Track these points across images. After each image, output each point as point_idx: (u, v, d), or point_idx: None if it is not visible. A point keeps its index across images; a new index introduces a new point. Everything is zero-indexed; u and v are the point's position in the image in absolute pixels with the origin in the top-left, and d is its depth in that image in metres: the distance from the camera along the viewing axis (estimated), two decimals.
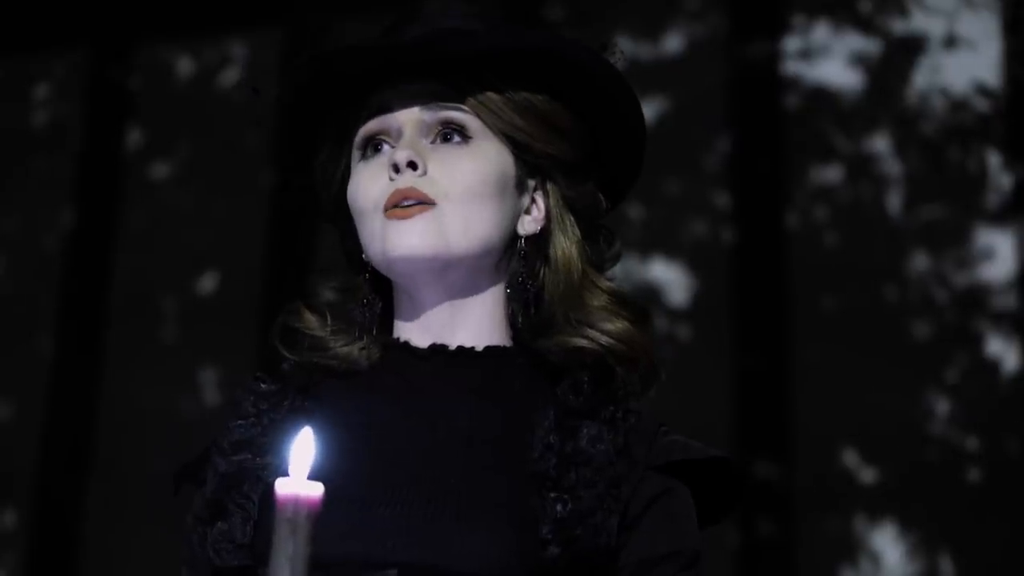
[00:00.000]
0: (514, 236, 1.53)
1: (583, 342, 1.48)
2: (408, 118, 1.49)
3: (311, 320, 1.55)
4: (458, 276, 1.49)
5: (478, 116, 1.50)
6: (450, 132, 1.49)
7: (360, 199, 1.50)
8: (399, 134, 1.50)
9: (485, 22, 1.53)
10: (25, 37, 5.90)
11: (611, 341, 1.48)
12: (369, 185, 1.49)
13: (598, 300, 1.51)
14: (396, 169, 1.47)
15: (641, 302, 1.55)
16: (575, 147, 1.53)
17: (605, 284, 1.53)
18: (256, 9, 5.63)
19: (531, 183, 1.54)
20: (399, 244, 1.46)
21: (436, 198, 1.46)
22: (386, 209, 1.47)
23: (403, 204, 1.46)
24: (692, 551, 1.45)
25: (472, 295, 1.51)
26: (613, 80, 1.53)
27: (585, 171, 1.55)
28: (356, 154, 1.53)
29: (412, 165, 1.47)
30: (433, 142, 1.50)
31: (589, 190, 1.56)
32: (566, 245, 1.53)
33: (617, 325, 1.48)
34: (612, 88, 1.54)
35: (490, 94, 1.50)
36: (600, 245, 1.57)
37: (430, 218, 1.46)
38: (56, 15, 5.81)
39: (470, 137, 1.49)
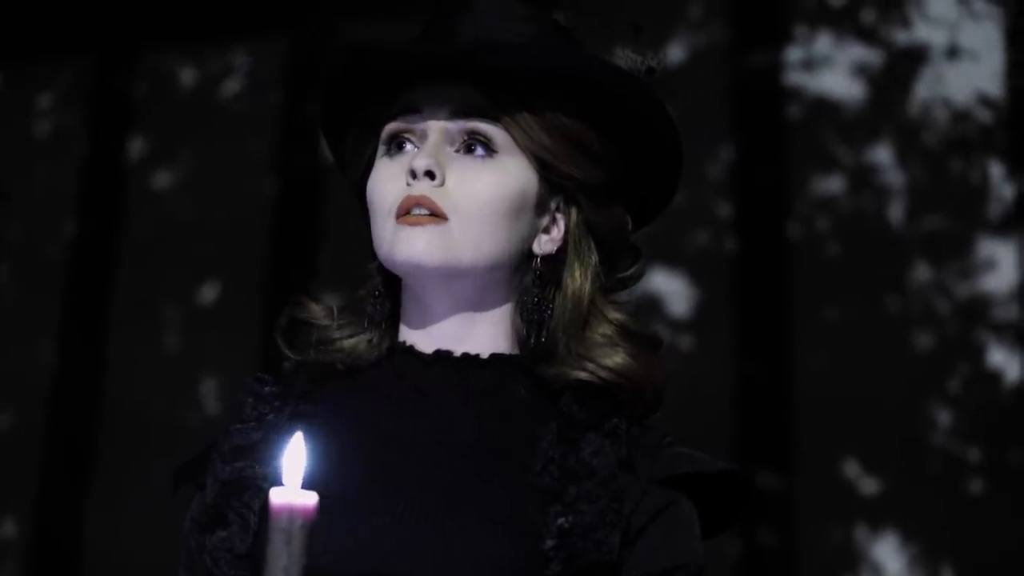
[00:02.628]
0: (529, 254, 1.51)
1: (583, 375, 1.47)
2: (435, 123, 1.48)
3: (316, 310, 1.55)
4: (466, 287, 1.48)
5: (507, 130, 1.48)
6: (475, 143, 1.48)
7: (376, 199, 1.49)
8: (424, 137, 1.49)
9: (535, 25, 1.51)
10: (28, 46, 5.91)
11: (611, 375, 1.47)
12: (386, 187, 1.48)
13: (603, 329, 1.50)
14: (414, 175, 1.46)
15: (650, 332, 1.53)
16: (604, 171, 1.51)
17: (613, 315, 1.51)
18: (259, 18, 5.64)
19: (553, 203, 1.52)
20: (405, 250, 1.45)
21: (448, 212, 1.45)
22: (398, 215, 1.46)
23: (414, 212, 1.45)
24: (696, 565, 1.44)
25: (481, 308, 1.50)
26: (657, 115, 1.52)
27: (612, 195, 1.53)
28: (381, 147, 1.52)
29: (430, 174, 1.46)
30: (457, 151, 1.48)
31: (614, 214, 1.54)
32: (580, 273, 1.51)
33: (616, 360, 1.47)
34: (654, 123, 1.52)
35: (524, 110, 1.47)
36: (620, 269, 1.55)
37: (439, 231, 1.45)
38: (59, 24, 5.82)
39: (495, 151, 1.48)
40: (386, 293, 1.53)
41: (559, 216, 1.52)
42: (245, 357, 4.80)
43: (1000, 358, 4.67)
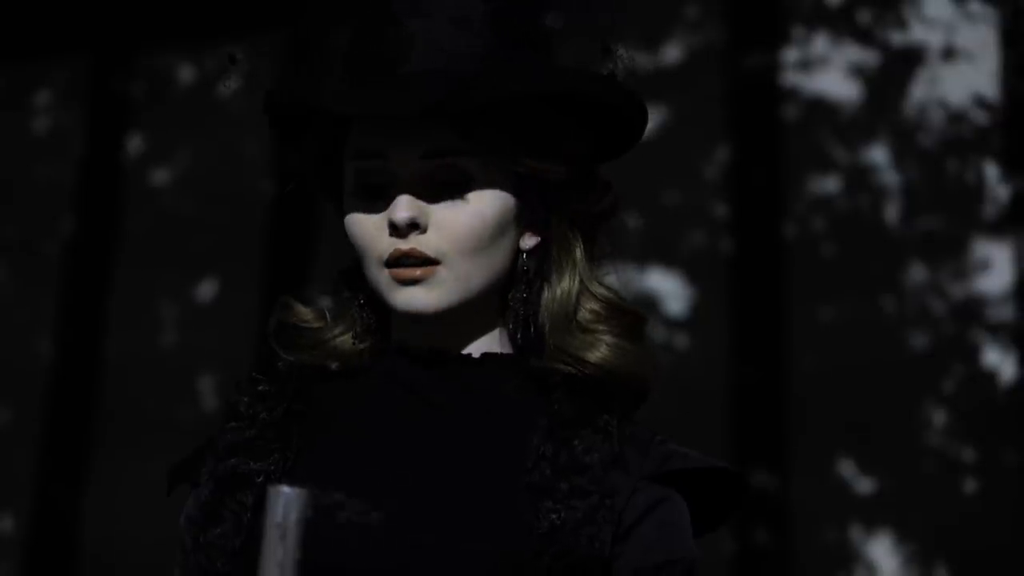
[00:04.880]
0: (516, 252, 1.51)
1: (569, 369, 1.47)
2: (405, 164, 1.45)
3: (305, 313, 1.54)
4: (459, 312, 1.49)
5: (479, 156, 1.46)
6: (449, 176, 1.46)
7: (360, 243, 1.47)
8: (394, 178, 1.47)
9: (491, 42, 1.47)
10: (26, 44, 5.91)
11: (594, 370, 1.47)
12: (369, 237, 1.46)
13: (591, 305, 1.49)
14: (396, 228, 1.46)
15: (637, 310, 1.53)
16: (577, 163, 1.50)
17: (599, 290, 1.51)
18: (257, 16, 5.64)
19: (531, 205, 1.50)
20: (404, 304, 1.45)
21: (438, 256, 1.45)
22: (389, 264, 1.46)
23: (405, 264, 1.44)
24: (688, 561, 1.44)
25: (472, 311, 1.50)
26: (632, 107, 1.50)
27: (588, 178, 1.53)
28: (349, 180, 1.50)
29: (413, 225, 1.45)
30: (431, 187, 1.46)
31: (585, 195, 1.54)
32: (567, 264, 1.50)
33: (597, 355, 1.47)
34: (630, 115, 1.50)
35: (494, 134, 1.45)
36: (598, 212, 1.54)
37: (433, 281, 1.44)
38: (57, 22, 5.82)
39: (471, 178, 1.46)
40: (372, 299, 1.53)
41: (539, 208, 1.52)
42: (242, 355, 4.80)
43: (995, 358, 4.67)
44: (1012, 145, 4.82)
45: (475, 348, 1.50)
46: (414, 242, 1.45)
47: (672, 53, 5.14)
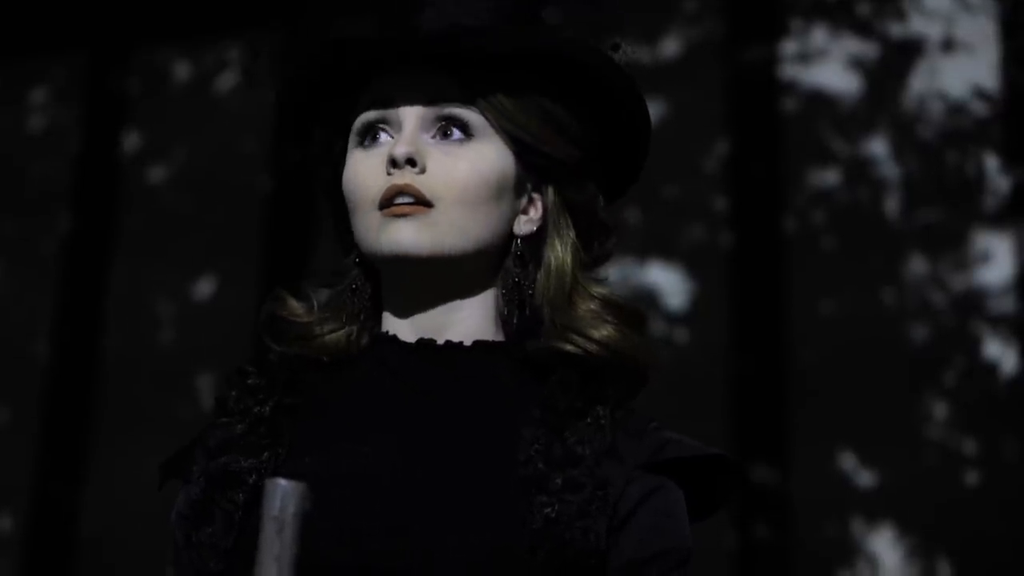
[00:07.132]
0: (510, 235, 1.51)
1: (569, 347, 1.47)
2: (410, 111, 1.48)
3: (296, 307, 1.54)
4: (451, 276, 1.48)
5: (482, 113, 1.48)
6: (451, 128, 1.48)
7: (357, 191, 1.49)
8: (399, 126, 1.49)
9: (496, 12, 1.51)
10: (23, 41, 5.90)
11: (597, 348, 1.47)
12: (366, 179, 1.48)
13: (587, 304, 1.50)
14: (394, 163, 1.46)
15: (635, 305, 1.53)
16: (579, 149, 1.52)
17: (596, 289, 1.51)
18: (253, 13, 5.64)
19: (530, 183, 1.52)
20: (392, 242, 1.45)
21: (432, 199, 1.45)
22: (382, 206, 1.46)
23: (398, 201, 1.45)
24: (682, 550, 1.44)
25: (464, 295, 1.50)
26: (627, 88, 1.52)
27: (587, 170, 1.54)
28: (354, 139, 1.52)
29: (411, 162, 1.46)
30: (434, 136, 1.48)
31: (589, 189, 1.54)
32: (560, 248, 1.51)
33: (603, 332, 1.47)
34: (626, 96, 1.52)
35: (498, 92, 1.48)
36: (594, 246, 1.55)
37: (425, 220, 1.45)
38: (54, 20, 5.81)
39: (472, 135, 1.48)
40: (365, 286, 1.53)
41: (536, 196, 1.52)
42: (240, 352, 4.79)
43: (996, 350, 4.67)
44: (1012, 137, 4.81)
45: (466, 335, 1.49)
46: (410, 178, 1.45)
47: (671, 46, 5.13)
